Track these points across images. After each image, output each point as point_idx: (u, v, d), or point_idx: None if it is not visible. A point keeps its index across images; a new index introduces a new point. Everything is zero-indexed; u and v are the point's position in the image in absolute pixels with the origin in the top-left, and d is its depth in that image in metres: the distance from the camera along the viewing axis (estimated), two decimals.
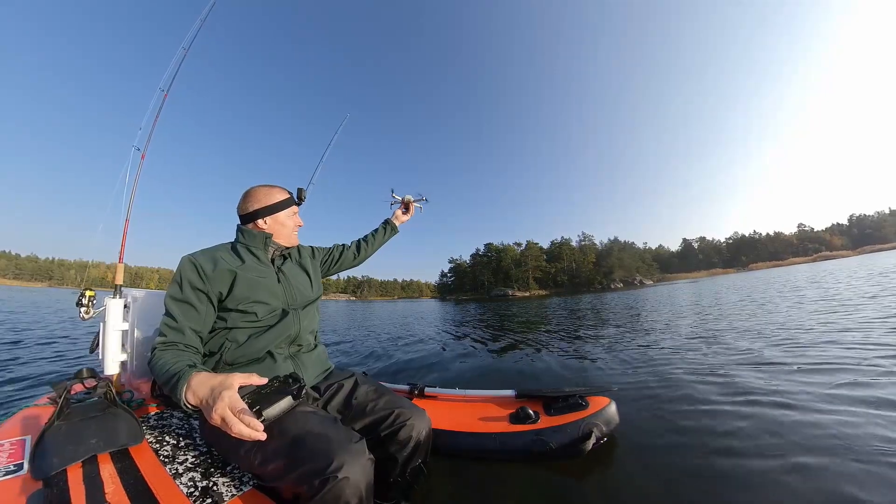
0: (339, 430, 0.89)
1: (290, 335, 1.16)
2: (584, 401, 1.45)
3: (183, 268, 1.07)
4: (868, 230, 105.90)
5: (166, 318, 1.03)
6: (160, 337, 1.01)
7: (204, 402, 0.80)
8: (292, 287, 1.23)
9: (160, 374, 0.92)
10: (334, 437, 0.84)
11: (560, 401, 1.48)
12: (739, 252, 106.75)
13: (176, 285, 1.05)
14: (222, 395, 0.77)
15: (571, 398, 1.47)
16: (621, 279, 79.59)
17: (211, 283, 1.06)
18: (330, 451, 0.79)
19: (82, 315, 1.53)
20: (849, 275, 11.43)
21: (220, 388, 0.78)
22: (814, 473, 1.20)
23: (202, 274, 1.06)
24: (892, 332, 3.13)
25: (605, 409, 1.41)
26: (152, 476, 0.93)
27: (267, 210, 1.21)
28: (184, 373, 0.85)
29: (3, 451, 0.99)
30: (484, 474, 1.33)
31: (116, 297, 1.57)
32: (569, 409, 1.43)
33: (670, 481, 1.23)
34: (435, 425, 1.21)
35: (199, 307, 1.05)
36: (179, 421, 1.30)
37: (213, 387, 0.80)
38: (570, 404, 1.45)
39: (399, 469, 1.07)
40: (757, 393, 1.95)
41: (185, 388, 0.82)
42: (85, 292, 1.55)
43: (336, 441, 0.83)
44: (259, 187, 1.25)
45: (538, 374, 2.95)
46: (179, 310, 1.03)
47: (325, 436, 0.84)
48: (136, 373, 1.58)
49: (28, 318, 7.73)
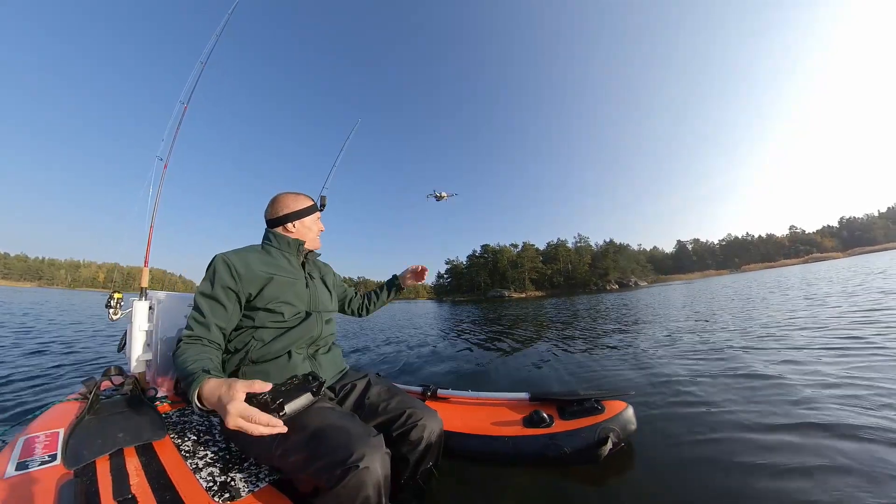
0: (358, 424, 0.92)
1: (312, 336, 1.19)
2: (599, 405, 1.42)
3: (216, 266, 1.10)
4: (858, 232, 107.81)
5: (194, 313, 1.06)
6: (187, 331, 1.04)
7: (216, 408, 0.82)
8: (318, 293, 1.28)
9: (180, 368, 0.94)
10: (353, 431, 0.87)
11: (575, 404, 1.45)
12: (732, 253, 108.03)
13: (208, 282, 1.08)
14: (228, 409, 0.76)
15: (587, 402, 1.44)
16: (617, 280, 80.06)
17: (242, 283, 1.09)
18: (350, 443, 0.82)
19: (111, 316, 1.62)
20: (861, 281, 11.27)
21: (227, 401, 0.77)
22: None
23: (234, 274, 1.08)
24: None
25: (622, 413, 1.37)
26: (174, 470, 0.97)
27: (294, 215, 1.27)
28: (197, 377, 0.87)
29: (40, 443, 1.04)
30: (496, 478, 1.31)
31: (142, 300, 1.64)
32: (584, 413, 1.40)
33: (691, 492, 1.18)
34: (447, 427, 1.21)
35: (227, 305, 1.08)
36: (200, 418, 1.34)
37: (220, 397, 0.80)
38: (586, 408, 1.41)
39: (410, 470, 1.09)
40: (792, 405, 1.79)
41: (197, 393, 0.85)
42: (113, 294, 1.63)
43: (355, 434, 0.86)
44: (287, 194, 1.32)
45: (550, 377, 2.92)
46: (208, 306, 1.06)
47: (344, 429, 0.88)
48: (159, 371, 1.65)
49: (68, 317, 7.76)
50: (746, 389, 2.08)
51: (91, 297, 34.67)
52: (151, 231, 1.88)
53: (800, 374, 2.26)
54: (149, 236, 1.87)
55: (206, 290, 1.07)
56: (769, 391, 2.02)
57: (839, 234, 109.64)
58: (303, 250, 1.29)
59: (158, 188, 1.92)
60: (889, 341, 2.85)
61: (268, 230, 1.28)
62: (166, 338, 1.64)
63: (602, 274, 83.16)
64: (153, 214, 1.89)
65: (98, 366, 3.47)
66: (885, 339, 2.96)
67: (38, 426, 1.16)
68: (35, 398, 2.40)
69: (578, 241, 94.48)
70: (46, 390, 2.60)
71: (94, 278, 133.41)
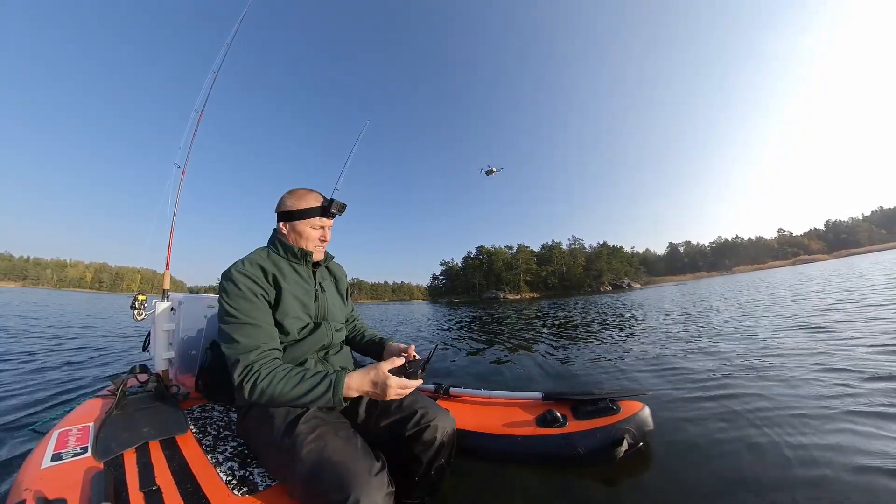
0: (360, 459, 0.86)
1: (324, 345, 1.17)
2: (615, 405, 1.42)
3: (236, 279, 1.01)
4: (843, 235, 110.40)
5: (243, 329, 0.97)
6: (249, 353, 0.94)
7: (371, 392, 0.97)
8: (328, 305, 1.22)
9: (287, 392, 0.92)
10: (353, 468, 0.82)
11: (590, 404, 1.45)
12: (723, 256, 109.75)
13: (239, 297, 1.00)
14: (388, 383, 0.94)
15: (601, 402, 1.43)
16: (610, 282, 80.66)
17: (265, 289, 1.04)
18: (347, 484, 0.78)
19: (135, 317, 1.68)
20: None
21: (381, 379, 0.95)
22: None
23: (256, 279, 1.03)
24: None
25: (638, 413, 1.37)
26: (196, 463, 1.01)
27: (288, 215, 1.14)
28: (338, 378, 0.94)
29: (72, 436, 1.11)
30: (509, 477, 1.30)
31: (165, 301, 1.72)
32: (599, 413, 1.39)
33: (708, 496, 1.16)
34: (460, 426, 1.21)
35: (266, 311, 1.03)
36: (220, 413, 1.40)
37: (372, 380, 0.96)
38: (601, 408, 1.41)
39: (423, 469, 1.08)
40: (818, 404, 1.75)
41: (345, 389, 0.94)
42: (137, 297, 1.68)
43: (354, 472, 0.80)
44: (297, 189, 1.19)
45: (562, 377, 2.90)
46: (257, 314, 1.00)
47: (343, 465, 0.82)
48: (181, 368, 1.73)
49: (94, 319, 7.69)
50: (767, 389, 2.04)
51: (96, 298, 33.87)
52: (172, 235, 1.94)
53: (825, 372, 2.21)
54: (169, 240, 1.94)
55: (239, 302, 0.99)
56: (793, 390, 1.97)
57: (825, 236, 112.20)
58: (311, 258, 1.18)
59: (177, 194, 1.99)
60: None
61: (274, 231, 1.20)
62: (187, 337, 1.71)
63: (596, 276, 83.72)
64: (173, 220, 1.95)
65: (125, 364, 3.63)
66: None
67: (71, 420, 1.23)
68: (69, 395, 2.51)
69: (573, 244, 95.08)
70: (79, 386, 2.72)
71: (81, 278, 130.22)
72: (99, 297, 47.24)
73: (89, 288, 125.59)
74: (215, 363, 1.51)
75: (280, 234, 1.18)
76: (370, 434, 1.11)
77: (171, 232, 1.95)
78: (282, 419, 0.95)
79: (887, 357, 2.44)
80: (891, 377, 2.04)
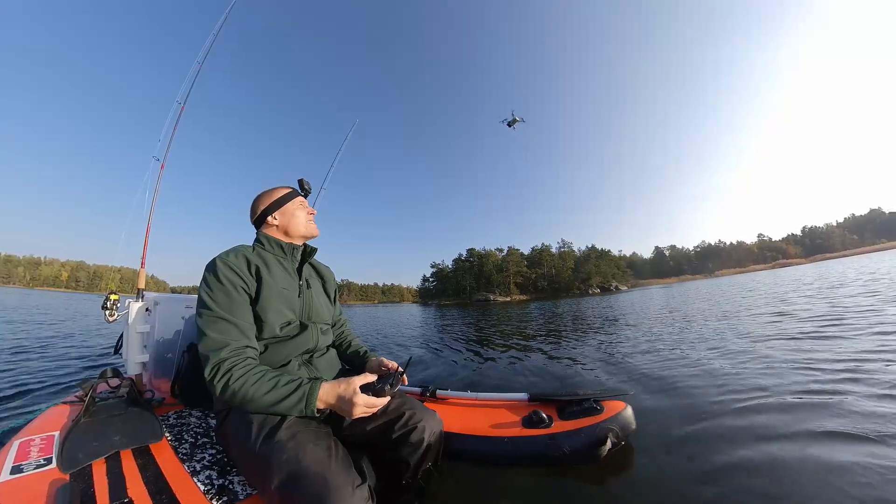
0: (339, 471, 0.82)
1: (309, 348, 1.14)
2: (599, 405, 1.43)
3: (218, 269, 1.00)
4: (818, 240, 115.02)
5: (221, 324, 0.94)
6: (220, 350, 0.91)
7: (337, 407, 0.90)
8: (312, 303, 1.20)
9: (259, 397, 0.88)
10: (332, 483, 0.77)
11: (574, 405, 1.46)
12: (707, 259, 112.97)
13: (219, 290, 0.97)
14: (354, 401, 0.88)
15: (586, 402, 1.45)
16: (598, 285, 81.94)
17: (246, 281, 1.02)
18: (323, 498, 0.74)
19: (107, 318, 1.58)
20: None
21: (349, 395, 0.89)
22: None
23: (239, 272, 1.02)
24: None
25: (621, 413, 1.39)
26: (171, 473, 0.96)
27: (273, 206, 1.20)
28: (312, 388, 0.90)
29: (34, 446, 1.03)
30: (496, 478, 1.30)
31: (139, 301, 1.63)
32: (583, 414, 1.41)
33: (689, 491, 1.19)
34: (447, 428, 1.21)
35: (246, 306, 1.01)
36: (197, 420, 1.34)
37: (339, 394, 0.89)
38: (585, 408, 1.42)
39: (410, 472, 1.08)
40: (786, 400, 1.81)
41: (316, 400, 0.89)
42: (109, 296, 1.59)
43: (333, 487, 0.76)
44: (263, 191, 1.26)
45: (548, 378, 2.92)
46: (235, 309, 0.97)
47: (322, 477, 0.78)
48: (156, 373, 1.64)
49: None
50: (746, 389, 2.09)
51: (70, 298, 32.48)
52: (148, 232, 1.85)
53: (802, 369, 2.29)
54: (145, 237, 1.84)
55: (218, 296, 0.97)
56: (771, 390, 2.02)
57: (802, 241, 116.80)
58: (297, 254, 1.21)
59: (155, 189, 1.89)
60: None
61: (257, 233, 1.22)
62: (163, 339, 1.62)
63: (584, 278, 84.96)
64: (150, 215, 1.86)
65: (94, 368, 3.40)
66: None
67: (34, 429, 1.15)
68: (30, 402, 2.34)
69: (562, 247, 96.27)
70: (42, 394, 2.52)
71: (56, 277, 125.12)
72: (74, 296, 45.30)
73: (65, 287, 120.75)
74: (193, 367, 1.45)
75: (266, 229, 1.20)
76: (357, 437, 1.09)
77: (147, 228, 1.86)
78: (260, 424, 0.91)
79: (875, 354, 2.53)
80: (860, 369, 2.13)
